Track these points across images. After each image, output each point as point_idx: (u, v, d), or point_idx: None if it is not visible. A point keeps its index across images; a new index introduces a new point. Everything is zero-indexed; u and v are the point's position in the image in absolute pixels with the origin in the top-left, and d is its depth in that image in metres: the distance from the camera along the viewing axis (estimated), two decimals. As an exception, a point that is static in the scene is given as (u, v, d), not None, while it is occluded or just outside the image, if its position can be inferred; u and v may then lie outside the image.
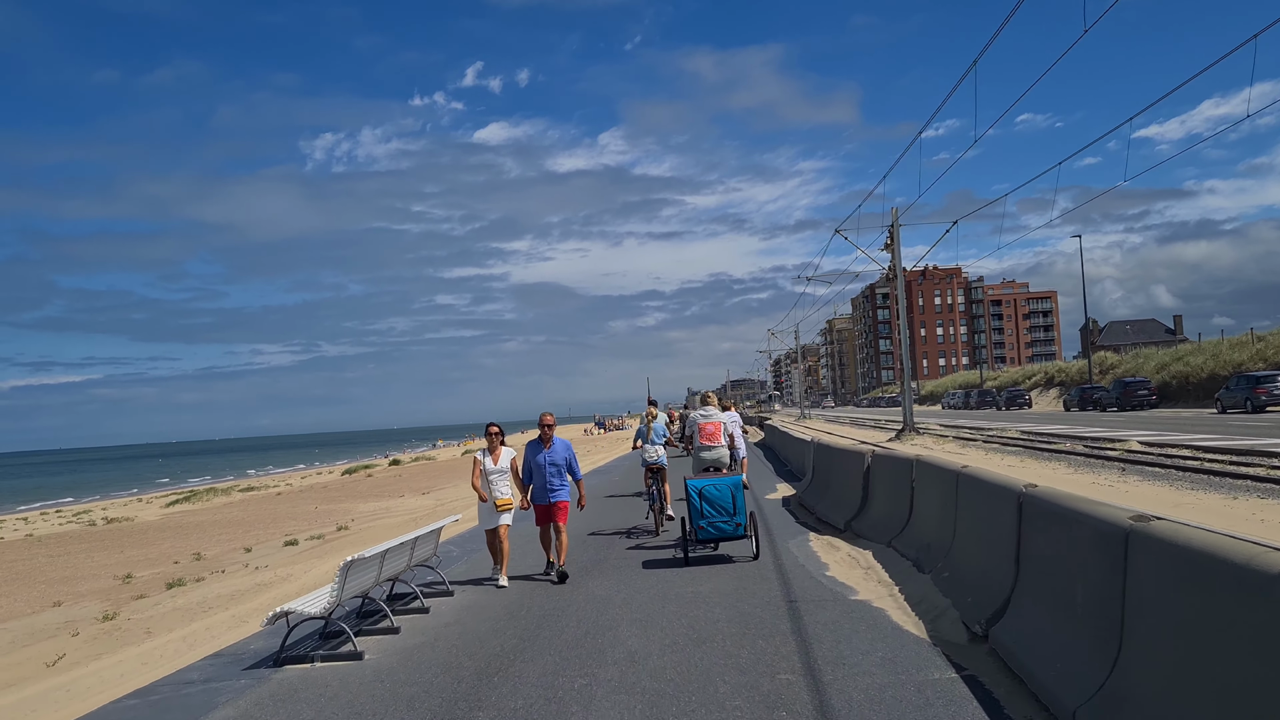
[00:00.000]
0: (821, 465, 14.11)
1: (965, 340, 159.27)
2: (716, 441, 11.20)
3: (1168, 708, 3.39)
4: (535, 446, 9.39)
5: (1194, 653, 3.32)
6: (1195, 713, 3.23)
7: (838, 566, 8.92)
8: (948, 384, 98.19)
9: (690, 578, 8.89)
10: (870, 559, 8.95)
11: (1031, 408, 59.55)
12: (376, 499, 33.45)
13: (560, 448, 9.37)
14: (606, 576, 9.35)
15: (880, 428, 44.91)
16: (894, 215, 31.37)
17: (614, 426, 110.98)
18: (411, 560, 8.31)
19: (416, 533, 8.38)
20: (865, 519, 10.43)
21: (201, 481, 70.20)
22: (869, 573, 8.38)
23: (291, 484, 51.12)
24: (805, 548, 10.28)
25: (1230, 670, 3.10)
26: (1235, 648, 3.08)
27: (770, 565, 9.30)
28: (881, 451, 10.59)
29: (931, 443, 28.61)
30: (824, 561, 9.25)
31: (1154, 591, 3.69)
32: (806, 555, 9.74)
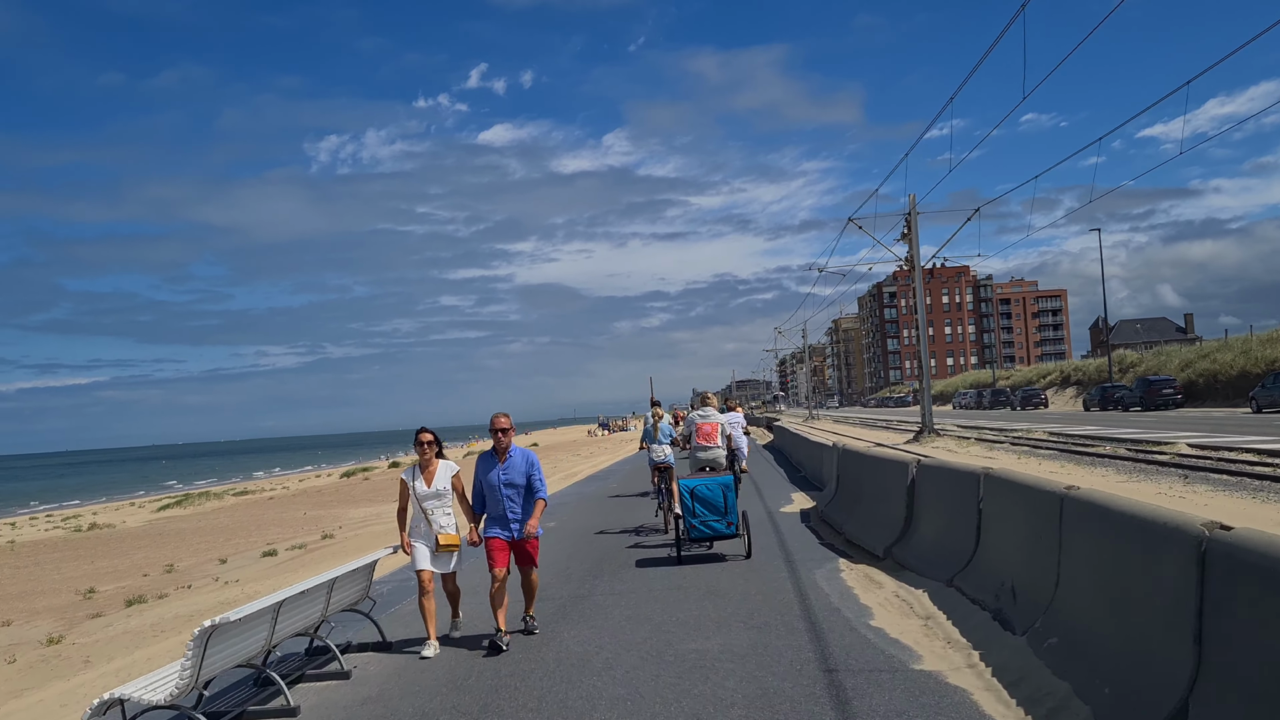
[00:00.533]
0: (849, 475, 12.06)
1: (974, 339, 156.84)
2: (713, 442, 11.29)
3: None
4: (487, 461, 7.06)
5: None
6: None
7: (885, 612, 6.91)
8: (958, 383, 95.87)
9: (693, 624, 6.92)
10: (926, 602, 6.94)
11: (1048, 407, 57.47)
12: (369, 504, 32.21)
13: (519, 461, 6.96)
14: (588, 621, 7.39)
15: (894, 429, 42.87)
16: (911, 203, 29.30)
17: (618, 428, 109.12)
18: (328, 609, 6.33)
19: (337, 571, 6.41)
20: (911, 545, 8.41)
21: (209, 484, 69.12)
22: (930, 625, 6.35)
23: (288, 487, 49.56)
24: (837, 580, 8.29)
25: None
26: None
27: (794, 604, 7.34)
28: (931, 461, 8.57)
29: (953, 445, 26.69)
30: (865, 604, 7.23)
31: None
32: (840, 592, 7.75)
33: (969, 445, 26.40)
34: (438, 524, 6.96)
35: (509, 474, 6.92)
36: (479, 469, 7.08)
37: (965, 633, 5.94)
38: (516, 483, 6.91)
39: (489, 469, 7.01)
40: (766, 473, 23.54)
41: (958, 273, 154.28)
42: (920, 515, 8.45)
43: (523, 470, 6.96)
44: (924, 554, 7.92)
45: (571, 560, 10.91)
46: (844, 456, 12.53)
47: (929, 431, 29.03)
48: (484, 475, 7.02)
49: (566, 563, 10.71)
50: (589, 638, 6.84)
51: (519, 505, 6.95)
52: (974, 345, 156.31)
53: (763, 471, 24.01)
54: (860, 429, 44.80)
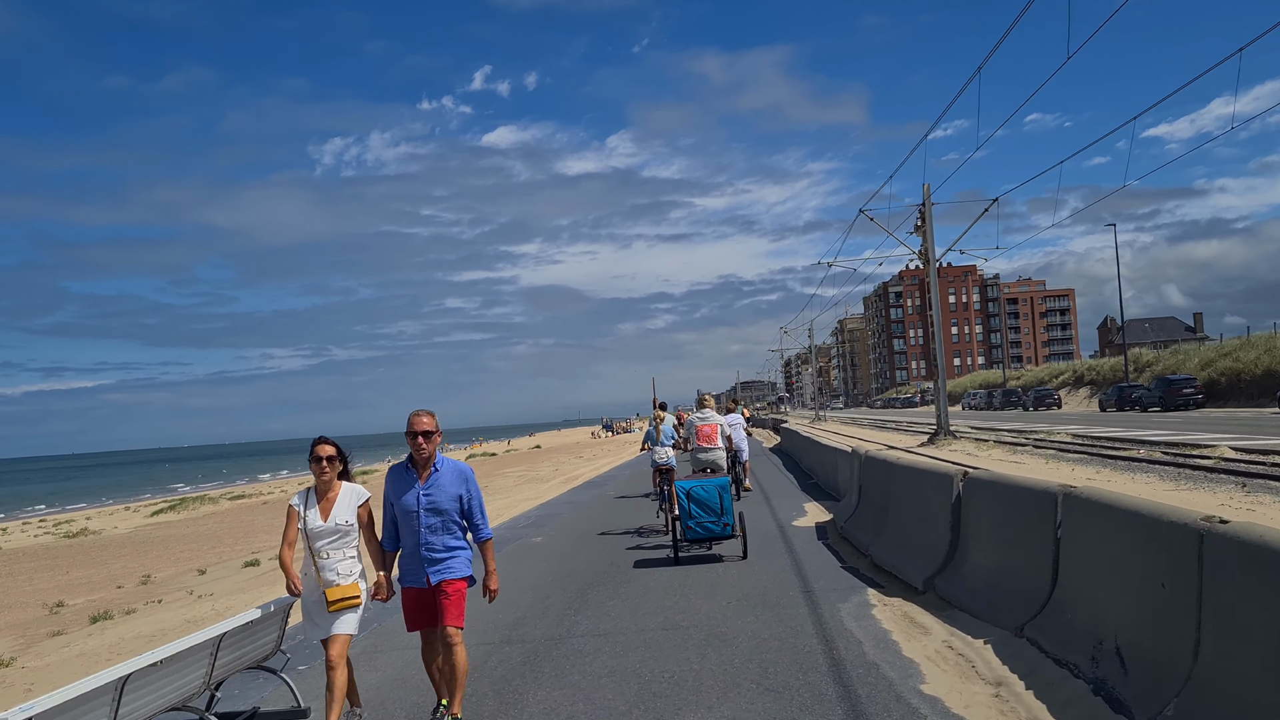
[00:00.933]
0: (873, 487, 10.50)
1: (981, 339, 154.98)
2: (713, 443, 11.38)
3: None
4: (402, 477, 5.10)
5: None
6: None
7: (938, 671, 5.37)
8: (966, 384, 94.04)
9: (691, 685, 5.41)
10: (991, 658, 5.41)
11: (1061, 408, 55.90)
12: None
13: (449, 479, 5.01)
14: (561, 677, 5.90)
15: (905, 430, 41.30)
16: (926, 194, 27.72)
17: (622, 429, 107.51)
18: (212, 674, 4.82)
19: (228, 624, 4.89)
20: (959, 577, 6.87)
21: (213, 487, 68.25)
22: (1004, 697, 4.78)
23: (287, 490, 48.27)
24: (869, 620, 6.76)
25: None
26: None
27: (819, 655, 5.85)
28: (983, 475, 7.05)
29: (972, 448, 25.13)
30: (909, 657, 5.69)
31: None
32: (876, 638, 6.21)
33: (989, 448, 24.86)
34: (331, 571, 4.99)
35: (433, 495, 4.92)
36: (389, 487, 5.11)
37: (1056, 711, 4.42)
38: (442, 507, 4.91)
39: (404, 488, 5.00)
40: (775, 479, 22.04)
41: (964, 272, 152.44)
42: (970, 540, 6.92)
43: (452, 491, 4.94)
44: (977, 590, 6.39)
45: (554, 585, 9.42)
46: (868, 465, 10.98)
47: (945, 433, 27.46)
48: (397, 497, 5.03)
49: (548, 589, 9.22)
50: (559, 704, 5.36)
51: (445, 542, 4.95)
52: (981, 345, 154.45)
53: (770, 477, 22.50)
54: (871, 431, 43.27)
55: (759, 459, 29.42)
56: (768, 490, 18.90)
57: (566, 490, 26.17)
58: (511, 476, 42.02)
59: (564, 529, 15.20)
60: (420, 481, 4.96)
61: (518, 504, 24.06)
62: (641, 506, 17.64)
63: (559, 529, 15.24)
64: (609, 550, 11.86)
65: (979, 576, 6.51)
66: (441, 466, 5.02)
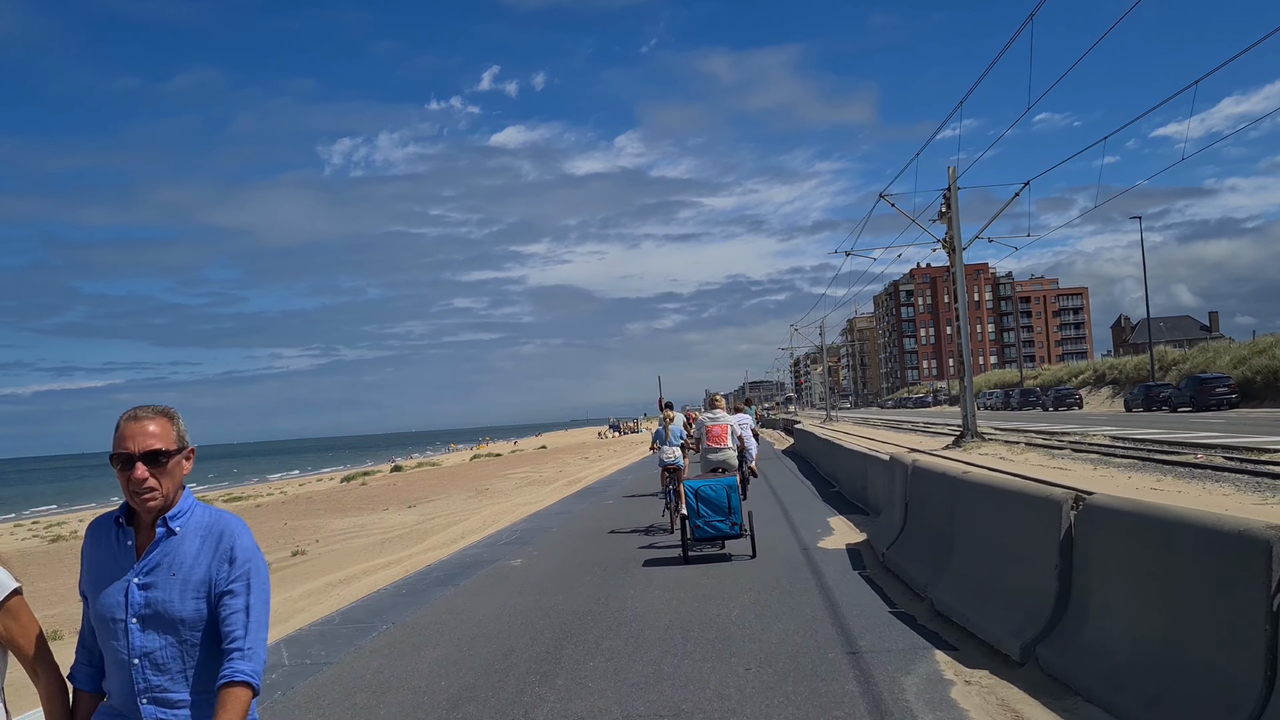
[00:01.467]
0: (929, 507, 8.33)
1: (994, 339, 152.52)
2: (723, 443, 11.42)
3: None
4: (105, 546, 2.45)
5: None
6: None
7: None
8: (981, 383, 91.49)
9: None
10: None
11: (1082, 408, 53.75)
12: (358, 513, 29.21)
13: (194, 550, 2.36)
14: None
15: (923, 431, 39.19)
16: (951, 176, 25.56)
17: (629, 429, 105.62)
18: None
19: None
20: (1079, 648, 4.77)
21: (213, 488, 66.64)
22: None
23: (285, 492, 46.62)
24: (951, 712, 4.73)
25: None
26: None
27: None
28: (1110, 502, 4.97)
29: (1004, 451, 22.94)
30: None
31: None
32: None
33: (1021, 451, 22.75)
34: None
35: (155, 587, 2.32)
36: (86, 565, 2.49)
37: None
38: (174, 613, 2.30)
39: (106, 569, 2.41)
40: (792, 487, 19.94)
41: (976, 270, 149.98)
42: (1091, 595, 4.84)
43: (197, 577, 2.33)
44: (1120, 673, 4.33)
45: (522, 633, 7.38)
46: (918, 479, 8.83)
47: (972, 435, 25.35)
48: (93, 586, 2.44)
49: (514, 638, 7.18)
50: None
51: (174, 678, 2.31)
52: (993, 344, 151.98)
53: (787, 485, 20.41)
54: (886, 431, 41.16)
55: (771, 461, 27.46)
56: (785, 501, 16.85)
57: (567, 495, 24.20)
58: (514, 479, 40.18)
59: (551, 547, 13.22)
60: (139, 555, 2.37)
61: (512, 510, 22.10)
62: (646, 513, 16.18)
63: (545, 547, 13.26)
64: (599, 578, 9.88)
65: (1116, 651, 4.45)
66: (185, 526, 2.39)
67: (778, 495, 17.63)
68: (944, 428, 40.24)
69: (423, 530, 19.05)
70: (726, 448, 11.46)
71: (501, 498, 28.69)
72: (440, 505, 28.50)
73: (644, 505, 17.15)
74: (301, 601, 11.08)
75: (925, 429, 40.54)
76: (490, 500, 28.04)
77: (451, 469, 57.11)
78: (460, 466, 59.24)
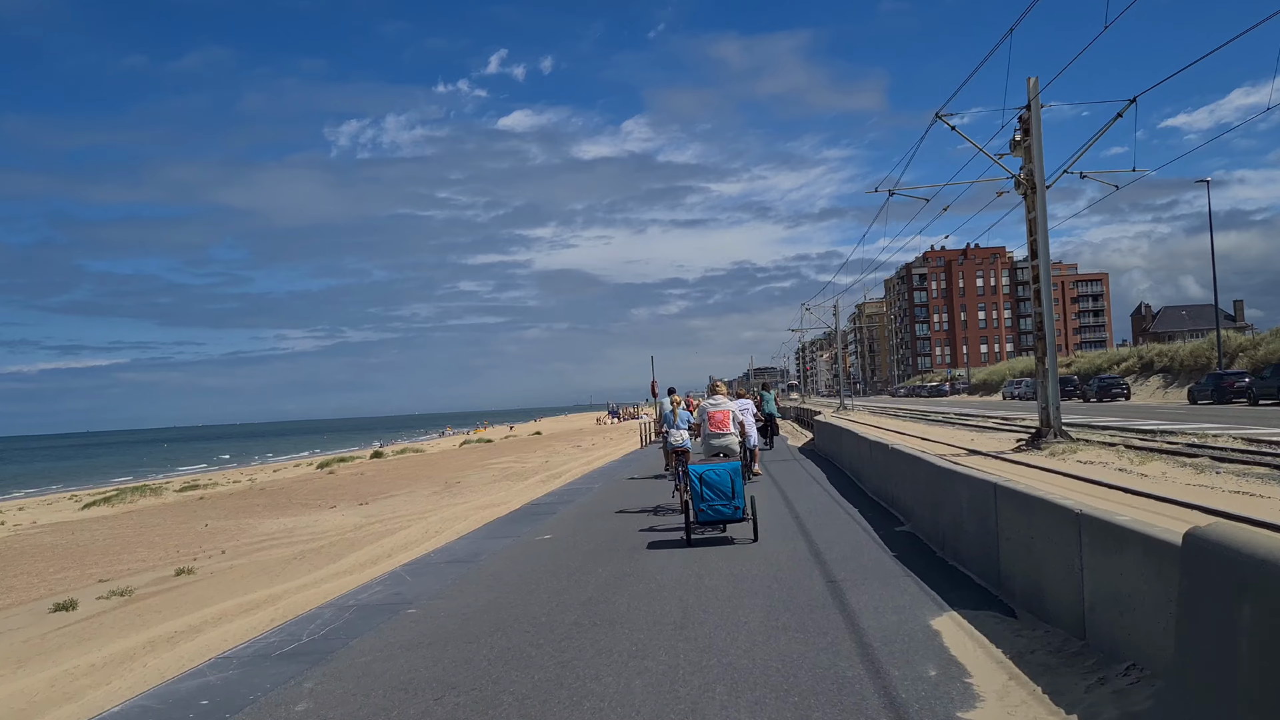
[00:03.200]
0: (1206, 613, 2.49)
1: (1010, 325, 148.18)
2: (726, 429, 11.63)
3: None
4: None
5: None
6: None
7: None
8: (1004, 371, 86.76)
9: None
10: None
11: (1129, 398, 48.46)
12: (301, 511, 25.68)
13: None
14: None
15: (964, 424, 33.60)
16: (1032, 89, 19.31)
17: (629, 415, 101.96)
18: None
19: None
20: None
21: (189, 470, 63.51)
22: None
23: (254, 480, 42.75)
24: None
25: None
26: None
27: None
28: None
29: (1110, 457, 17.33)
30: None
31: None
32: None
33: (1140, 461, 16.56)
34: None
35: None
36: None
37: None
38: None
39: None
40: (824, 515, 13.28)
41: (992, 254, 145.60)
42: None
43: None
44: None
45: None
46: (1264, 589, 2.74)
47: (1056, 434, 19.44)
48: None
49: None
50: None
51: None
52: (1009, 331, 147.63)
53: (815, 510, 13.85)
54: (920, 424, 36.04)
55: (787, 465, 21.79)
56: (825, 554, 9.92)
57: (539, 495, 20.57)
58: (494, 469, 36.71)
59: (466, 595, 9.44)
60: None
61: (468, 515, 18.48)
62: (622, 536, 12.42)
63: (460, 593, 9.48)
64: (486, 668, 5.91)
65: None
66: None
67: (809, 535, 11.18)
68: (987, 420, 34.80)
69: (352, 539, 16.55)
70: (729, 433, 11.57)
71: (468, 494, 25.34)
72: (396, 503, 25.16)
73: (617, 532, 13.02)
74: (64, 683, 7.39)
75: (962, 421, 35.53)
76: (454, 497, 24.56)
77: (434, 456, 53.70)
78: (445, 453, 55.68)
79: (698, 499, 10.08)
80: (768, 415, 27.60)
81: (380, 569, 12.23)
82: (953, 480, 8.96)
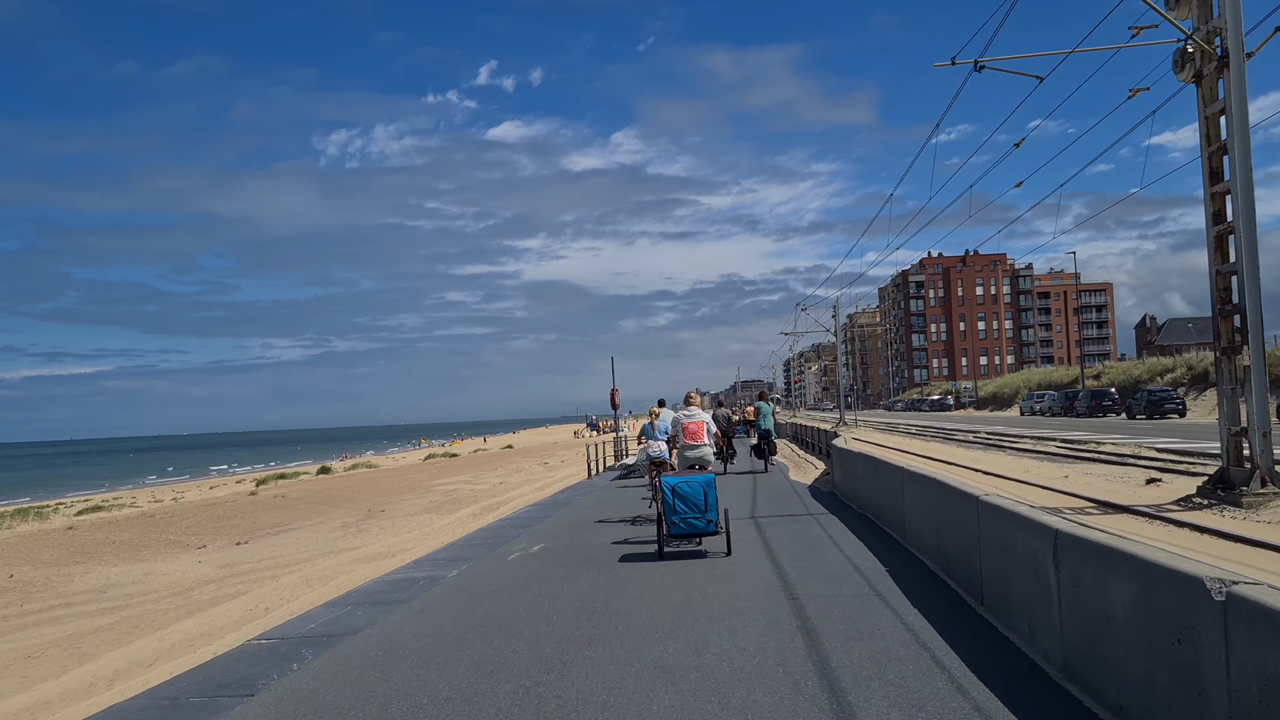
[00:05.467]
0: None
1: (1011, 336, 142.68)
2: (700, 440, 11.39)
3: None
4: None
5: None
6: None
7: None
8: (1017, 383, 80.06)
9: None
10: None
11: (1184, 416, 41.62)
12: (159, 552, 21.18)
13: None
14: None
15: (1024, 450, 26.07)
16: None
17: (608, 428, 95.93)
18: None
19: None
20: None
21: (135, 485, 59.76)
22: None
23: (177, 499, 37.06)
24: None
25: None
26: None
27: None
28: None
29: None
30: None
31: None
32: None
33: None
34: None
35: None
36: None
37: None
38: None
39: None
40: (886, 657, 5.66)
41: (993, 260, 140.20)
42: None
43: None
44: None
45: None
46: None
47: (1268, 478, 11.38)
48: None
49: None
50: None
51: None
52: (1010, 343, 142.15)
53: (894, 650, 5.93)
54: (959, 449, 28.41)
55: (799, 524, 12.95)
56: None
57: (457, 537, 14.86)
58: (438, 491, 31.37)
59: None
60: None
61: (333, 576, 13.34)
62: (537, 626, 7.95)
63: None
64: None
65: None
66: None
67: None
68: (1038, 442, 27.37)
69: (169, 608, 13.08)
70: (703, 444, 11.35)
71: (377, 531, 20.78)
72: (287, 540, 20.39)
73: (540, 612, 7.07)
74: None
75: (1004, 443, 28.28)
76: (358, 536, 19.44)
77: (384, 474, 48.11)
78: (398, 470, 49.86)
79: (670, 512, 9.88)
80: (763, 432, 21.86)
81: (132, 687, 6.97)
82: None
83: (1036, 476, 16.86)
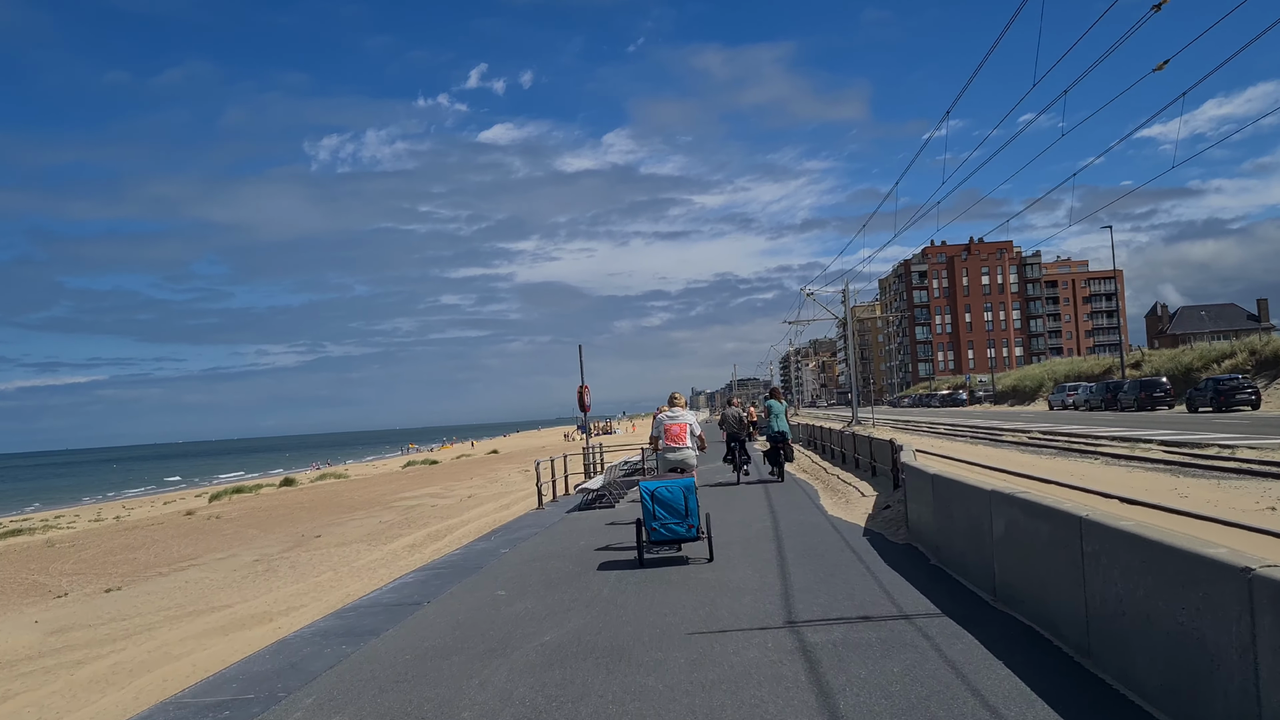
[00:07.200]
0: None
1: (1019, 327, 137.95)
2: (681, 442, 11.21)
3: None
4: None
5: None
6: None
7: None
8: (1040, 375, 74.63)
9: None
10: None
11: (1257, 408, 36.09)
12: (14, 601, 16.62)
13: None
14: None
15: (1101, 453, 20.00)
16: None
17: (601, 430, 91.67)
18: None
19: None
20: None
21: (125, 495, 57.60)
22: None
23: (121, 517, 32.83)
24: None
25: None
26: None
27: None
28: None
29: None
30: None
31: None
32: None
33: None
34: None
35: None
36: None
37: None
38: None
39: None
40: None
41: (998, 249, 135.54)
42: None
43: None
44: None
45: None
46: None
47: None
48: None
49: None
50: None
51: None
52: (1019, 334, 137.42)
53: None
54: (1026, 456, 22.22)
55: (888, 676, 6.09)
56: None
57: (382, 584, 10.29)
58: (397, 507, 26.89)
59: None
60: None
61: (138, 674, 9.80)
62: None
63: None
64: None
65: None
66: None
67: None
68: (1130, 447, 21.13)
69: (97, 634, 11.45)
70: (685, 447, 11.16)
71: (299, 567, 17.27)
72: (163, 589, 16.08)
73: None
74: None
75: (1088, 446, 22.15)
76: (267, 578, 18.00)
77: (352, 484, 43.88)
78: (368, 481, 45.61)
79: (649, 518, 9.57)
80: (776, 436, 17.33)
81: None
82: None
83: (1215, 508, 11.46)
